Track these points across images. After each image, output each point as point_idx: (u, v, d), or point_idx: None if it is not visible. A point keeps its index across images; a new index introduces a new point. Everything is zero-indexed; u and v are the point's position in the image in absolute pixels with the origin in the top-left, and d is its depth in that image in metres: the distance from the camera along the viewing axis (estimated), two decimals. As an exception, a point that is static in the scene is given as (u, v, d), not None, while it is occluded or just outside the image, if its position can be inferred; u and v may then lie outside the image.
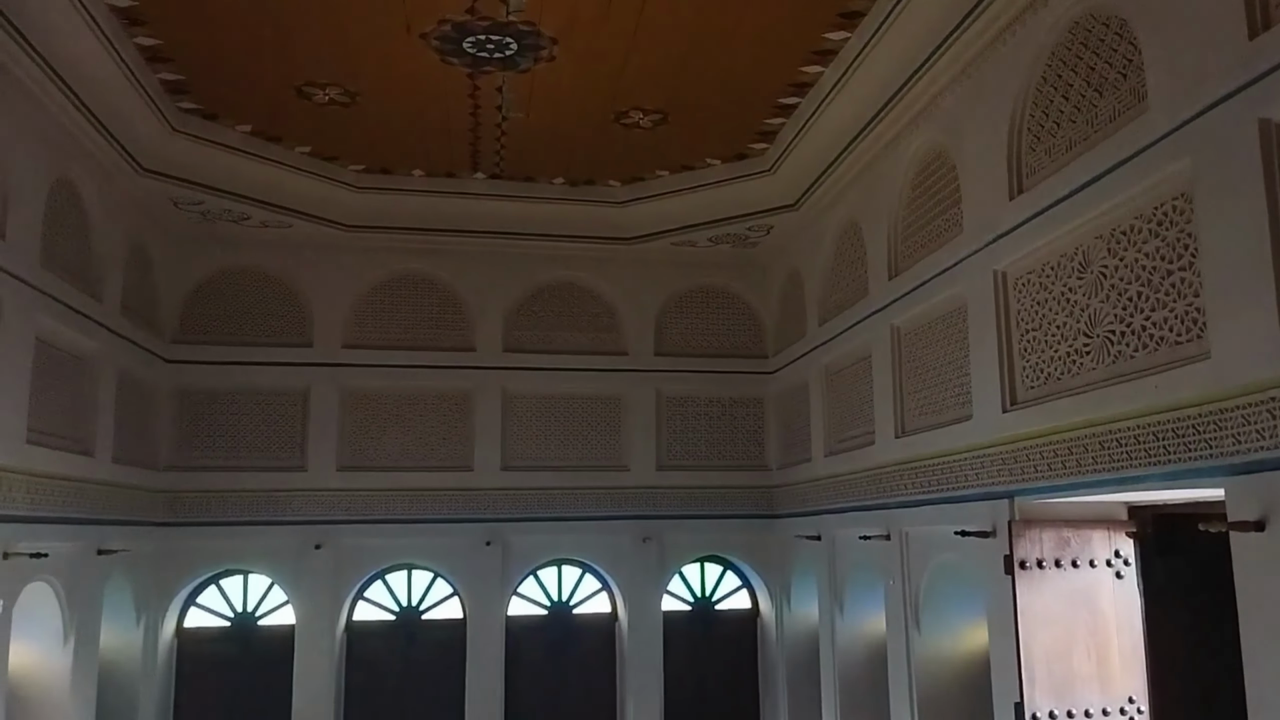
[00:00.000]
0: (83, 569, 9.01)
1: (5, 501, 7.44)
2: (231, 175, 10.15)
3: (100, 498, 9.38)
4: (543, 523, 12.20)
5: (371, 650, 12.10)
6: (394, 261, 12.20)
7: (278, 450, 11.74)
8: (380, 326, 12.21)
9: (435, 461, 12.12)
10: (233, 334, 11.79)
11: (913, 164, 8.60)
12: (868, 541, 9.28)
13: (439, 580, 12.39)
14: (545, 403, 12.52)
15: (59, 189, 8.40)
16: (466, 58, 8.31)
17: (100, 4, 7.26)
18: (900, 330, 8.89)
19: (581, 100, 9.18)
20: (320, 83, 8.76)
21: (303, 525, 11.57)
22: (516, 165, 10.84)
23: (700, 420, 12.87)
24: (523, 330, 12.55)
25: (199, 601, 11.87)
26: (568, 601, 12.77)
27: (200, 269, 11.74)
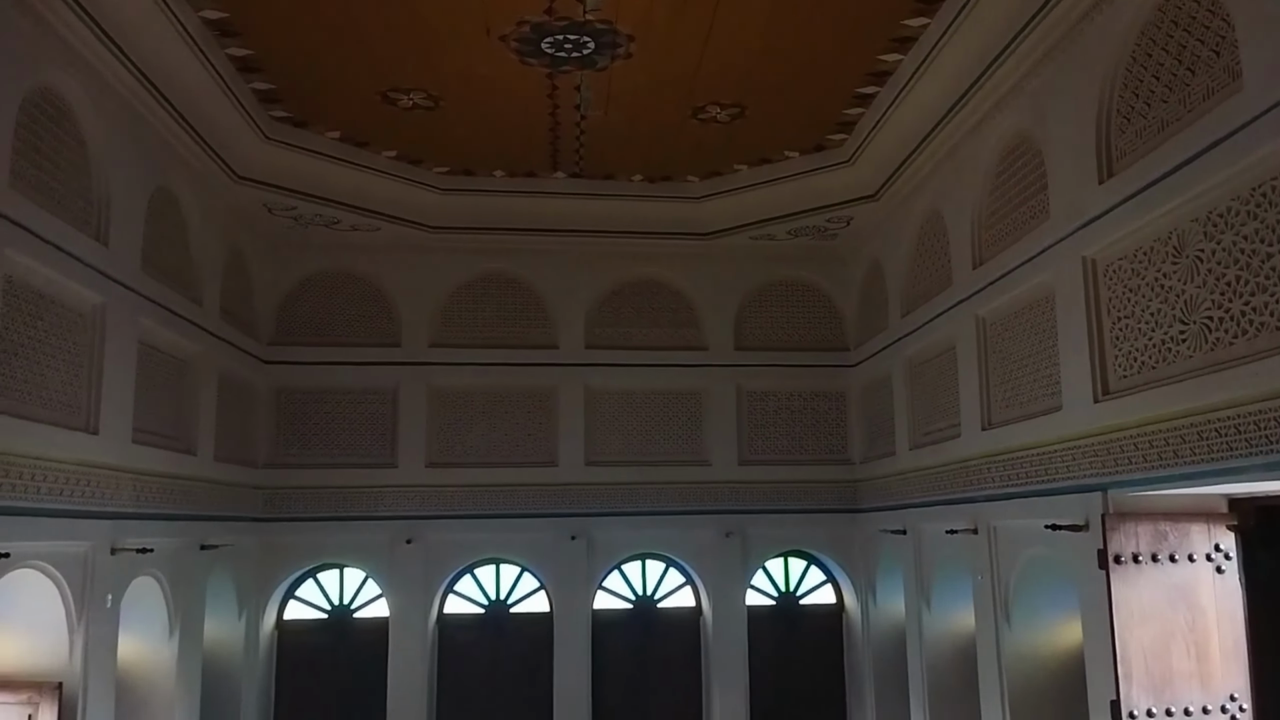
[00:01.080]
0: (186, 564, 9.40)
1: (112, 499, 7.81)
2: (322, 181, 10.47)
3: (203, 494, 9.78)
4: (626, 517, 12.30)
5: (462, 643, 12.36)
6: (477, 261, 12.42)
7: (369, 447, 12.08)
8: (465, 325, 12.45)
9: (520, 457, 12.32)
10: (325, 335, 12.16)
11: (996, 150, 8.44)
12: (955, 535, 9.14)
13: (526, 574, 12.59)
14: (627, 398, 12.62)
15: (159, 197, 8.77)
16: (545, 58, 8.42)
17: (193, 16, 7.56)
18: (985, 320, 8.73)
19: (659, 96, 9.23)
20: (404, 88, 8.97)
21: (394, 520, 11.88)
22: (595, 163, 10.94)
23: (781, 414, 12.83)
24: (604, 327, 12.66)
25: (297, 594, 12.29)
26: (652, 596, 12.85)
27: (294, 272, 12.14)
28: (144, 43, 7.52)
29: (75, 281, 7.19)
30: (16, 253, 6.41)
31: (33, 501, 6.63)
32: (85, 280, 7.32)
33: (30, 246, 6.57)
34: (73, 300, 7.28)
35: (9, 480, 6.33)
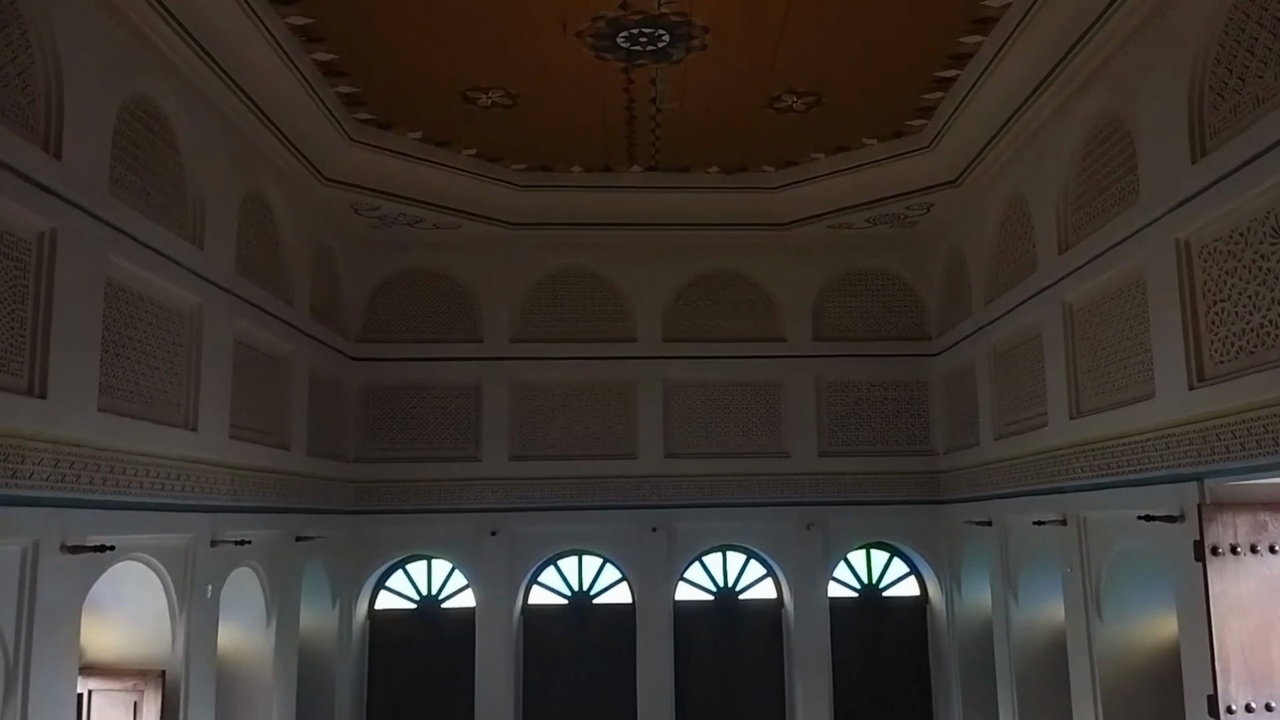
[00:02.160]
0: (282, 555, 9.72)
1: (212, 492, 8.12)
2: (405, 180, 10.71)
3: (296, 488, 10.10)
4: (706, 509, 12.33)
5: (546, 633, 12.55)
6: (556, 257, 12.56)
7: (454, 441, 12.32)
8: (545, 320, 12.60)
9: (601, 450, 12.43)
10: (410, 332, 12.43)
11: (1082, 131, 8.23)
12: (1042, 527, 8.95)
13: (608, 566, 12.71)
14: (706, 391, 12.63)
15: (250, 200, 9.09)
16: (620, 52, 8.48)
17: (280, 23, 7.79)
18: (1072, 306, 8.53)
19: (734, 87, 9.21)
20: (483, 87, 9.12)
21: (479, 513, 12.11)
22: (672, 156, 10.96)
23: (862, 405, 12.70)
24: (682, 320, 12.69)
25: (388, 585, 12.63)
26: (734, 587, 12.86)
27: (379, 271, 12.43)
28: (233, 50, 7.79)
29: (173, 283, 7.50)
30: (117, 257, 6.71)
31: (136, 496, 6.94)
32: (183, 282, 7.63)
33: (130, 251, 6.87)
34: (171, 302, 7.59)
35: (114, 476, 6.63)
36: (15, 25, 5.70)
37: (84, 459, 6.26)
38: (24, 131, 5.76)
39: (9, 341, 5.65)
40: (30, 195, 5.73)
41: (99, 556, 6.36)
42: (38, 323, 5.87)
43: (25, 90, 5.80)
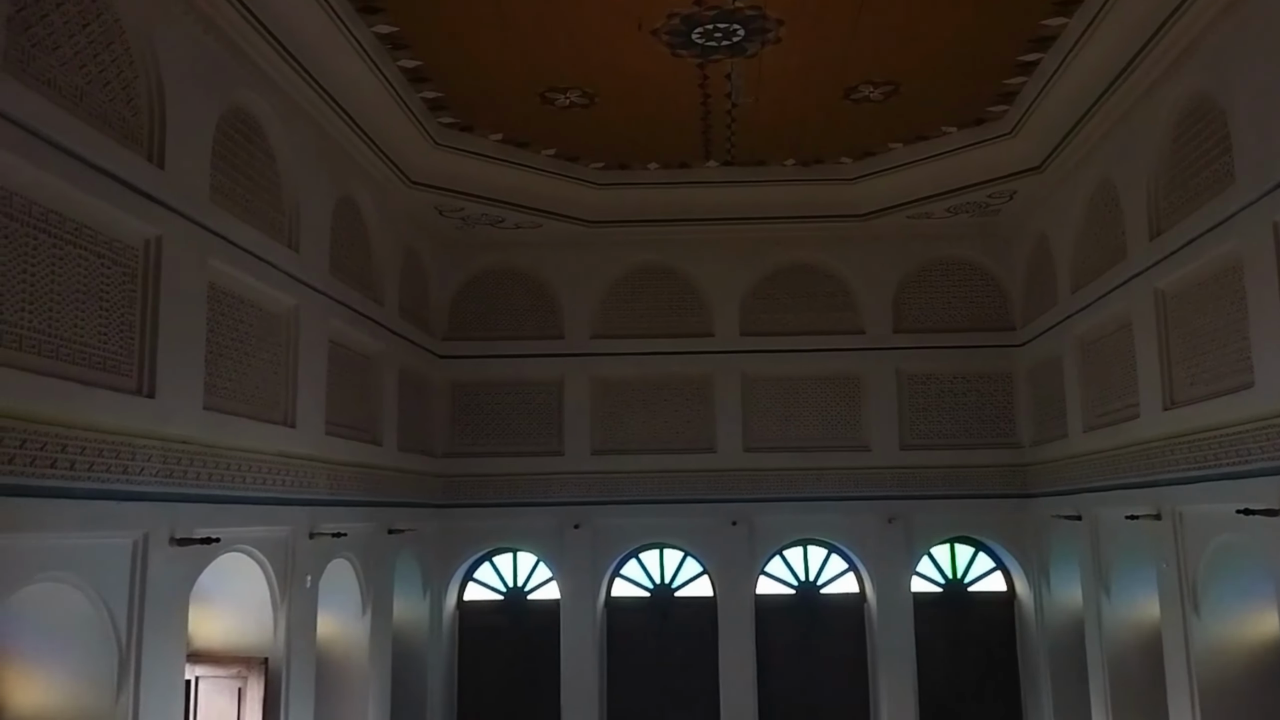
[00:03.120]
0: (376, 547, 10.03)
1: (309, 487, 8.42)
2: (487, 182, 10.95)
3: (388, 482, 10.40)
4: (786, 503, 12.33)
5: (629, 625, 12.69)
6: (634, 253, 12.67)
7: (538, 436, 12.54)
8: (624, 316, 12.73)
9: (680, 444, 12.52)
10: (494, 329, 12.69)
11: (1172, 113, 8.03)
12: (1135, 521, 8.76)
13: (689, 559, 12.79)
14: (784, 384, 12.62)
15: (342, 205, 9.41)
16: (695, 48, 8.54)
17: (367, 32, 8.04)
18: (1165, 293, 8.33)
19: (810, 79, 9.20)
20: (561, 87, 9.26)
21: (562, 506, 12.30)
22: (747, 150, 10.98)
23: (944, 397, 12.56)
24: (759, 314, 12.69)
25: (476, 577, 12.92)
26: (815, 581, 12.82)
27: (463, 270, 12.71)
28: (324, 59, 8.06)
29: (271, 286, 7.80)
30: (219, 261, 7.00)
31: (239, 490, 7.24)
32: (280, 285, 7.93)
33: (230, 255, 7.16)
34: (269, 304, 7.89)
35: (218, 471, 6.93)
36: (119, 42, 5.99)
37: (190, 455, 6.56)
38: (129, 143, 6.05)
39: (119, 344, 5.95)
40: (136, 204, 6.02)
41: (205, 548, 6.65)
42: (145, 326, 6.16)
43: (130, 103, 6.09)
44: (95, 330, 5.72)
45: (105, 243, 5.84)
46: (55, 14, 5.39)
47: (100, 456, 5.61)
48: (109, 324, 5.84)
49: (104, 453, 5.64)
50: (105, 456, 5.65)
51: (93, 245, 5.72)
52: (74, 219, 5.55)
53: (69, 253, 5.50)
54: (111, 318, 5.87)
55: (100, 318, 5.77)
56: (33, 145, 5.08)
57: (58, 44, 5.41)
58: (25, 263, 5.15)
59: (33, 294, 5.20)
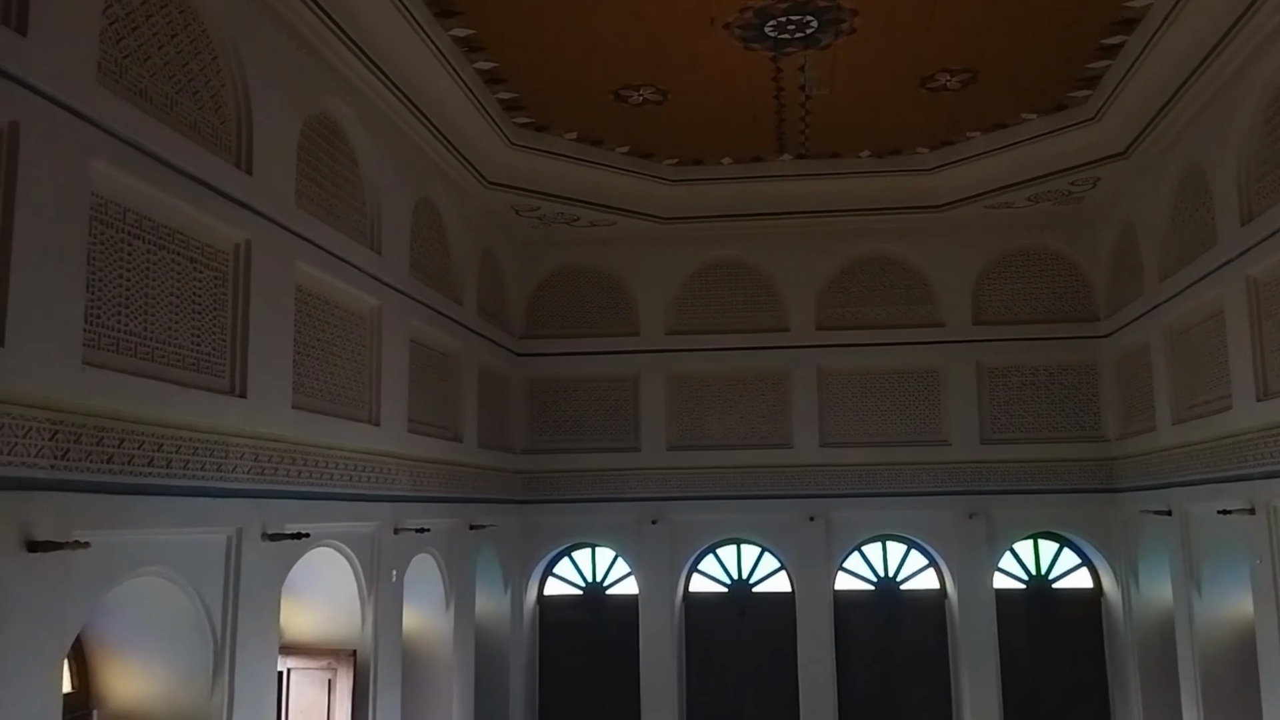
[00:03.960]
0: (458, 542, 10.22)
1: (394, 483, 8.61)
2: (562, 181, 11.06)
3: (469, 479, 10.59)
4: (864, 498, 12.22)
5: (707, 620, 12.70)
6: (709, 249, 12.67)
7: (614, 432, 12.64)
8: (699, 312, 12.74)
9: (756, 439, 12.49)
10: (570, 327, 12.82)
11: (1264, 94, 7.75)
12: (1228, 516, 8.48)
13: (766, 554, 12.75)
14: (861, 379, 12.51)
15: (421, 206, 9.60)
16: (768, 41, 8.50)
17: (444, 36, 8.19)
18: (1258, 281, 8.05)
19: (885, 69, 9.10)
20: (635, 84, 9.32)
21: (639, 502, 12.37)
22: (822, 143, 10.90)
23: (1026, 390, 12.30)
24: (835, 307, 12.59)
25: (555, 571, 13.07)
26: (894, 577, 12.68)
27: (540, 269, 12.86)
28: (402, 63, 8.23)
29: (355, 287, 8.00)
30: (305, 264, 7.20)
31: (327, 487, 7.44)
32: (363, 286, 8.13)
33: (316, 258, 7.36)
34: (353, 304, 8.10)
35: (307, 469, 7.13)
36: (207, 51, 6.19)
37: (280, 453, 6.76)
38: (219, 150, 6.25)
39: (212, 346, 6.16)
40: (226, 209, 6.22)
41: (295, 543, 6.85)
42: (237, 328, 6.37)
43: (218, 112, 6.30)
44: (189, 333, 5.93)
45: (197, 247, 6.04)
46: (145, 26, 5.60)
47: (195, 455, 5.82)
48: (202, 326, 6.05)
49: (199, 451, 5.85)
50: (200, 455, 5.86)
51: (185, 250, 5.92)
52: (167, 225, 5.75)
53: (163, 258, 5.71)
54: (204, 320, 6.08)
55: (194, 320, 5.97)
56: (127, 154, 5.28)
57: (148, 55, 5.62)
58: (122, 268, 5.36)
59: (129, 298, 5.41)
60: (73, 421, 4.81)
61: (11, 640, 4.38)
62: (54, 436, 4.68)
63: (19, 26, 4.54)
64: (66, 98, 4.81)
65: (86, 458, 4.91)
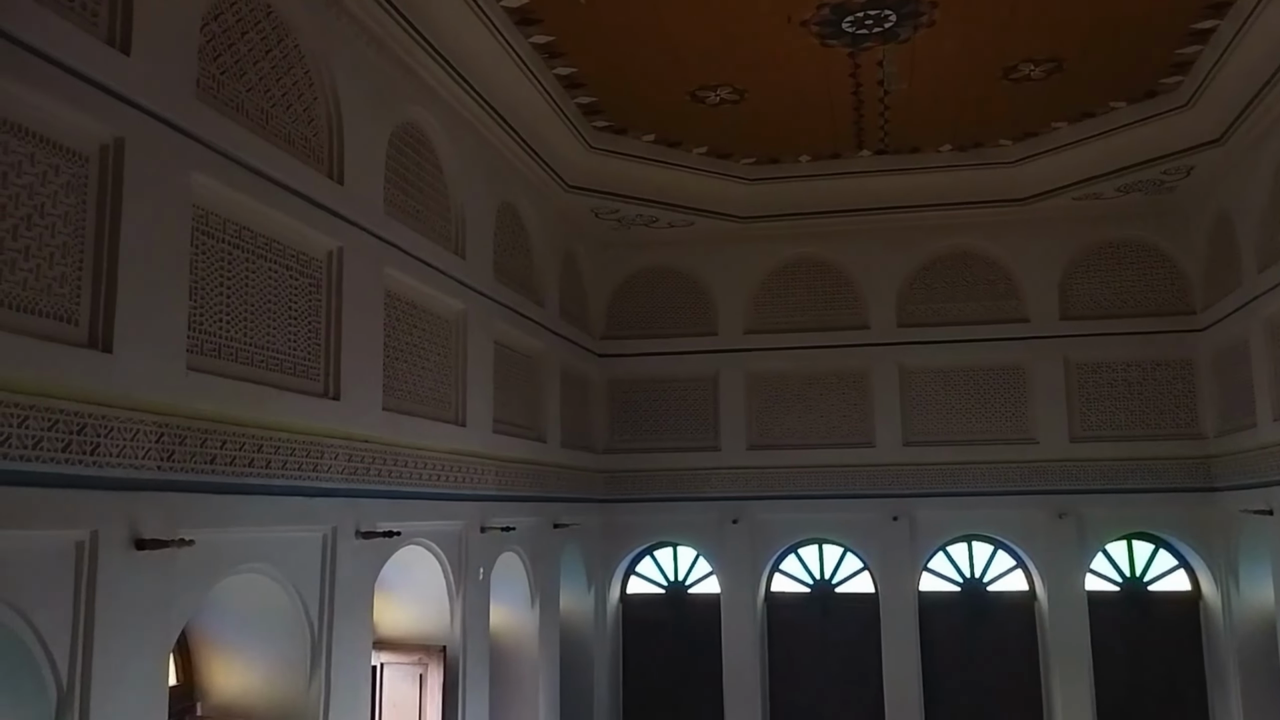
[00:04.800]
0: (543, 541, 10.36)
1: (480, 483, 8.77)
2: (640, 182, 11.15)
3: (553, 478, 10.74)
4: (949, 498, 12.04)
5: (789, 620, 12.64)
6: (787, 247, 12.62)
7: (694, 432, 12.67)
8: (778, 311, 12.70)
9: (837, 438, 12.40)
10: (650, 327, 12.89)
11: (1373, 76, 7.44)
12: (1337, 513, 8.16)
13: (849, 555, 12.65)
14: (944, 376, 12.33)
15: (504, 211, 9.78)
16: (845, 37, 8.45)
17: (524, 43, 8.32)
18: (1367, 269, 7.73)
19: (966, 61, 8.96)
20: (711, 85, 9.34)
21: (720, 501, 12.38)
22: (901, 137, 10.78)
23: (1117, 387, 11.97)
24: (916, 304, 12.44)
25: (637, 570, 13.15)
26: (981, 579, 12.45)
27: (619, 271, 12.97)
28: (485, 72, 8.38)
29: (441, 292, 8.18)
30: (393, 270, 7.39)
31: (416, 486, 7.62)
32: (449, 290, 8.30)
33: (404, 264, 7.54)
34: (439, 308, 8.28)
35: (398, 468, 7.31)
36: (299, 66, 6.40)
37: (372, 454, 6.94)
38: (312, 161, 6.46)
39: (308, 350, 6.36)
40: (320, 219, 6.42)
41: (387, 541, 7.03)
42: (330, 333, 6.56)
43: (311, 124, 6.50)
44: (285, 338, 6.13)
45: (292, 255, 6.25)
46: (241, 42, 5.81)
47: (292, 455, 6.01)
48: (298, 332, 6.25)
49: (295, 452, 6.04)
50: (297, 455, 6.05)
51: (281, 258, 6.13)
52: (264, 234, 5.95)
53: (260, 266, 5.92)
54: (300, 326, 6.28)
55: (290, 326, 6.18)
56: (226, 167, 5.48)
57: (244, 71, 5.83)
58: (222, 277, 5.57)
59: (230, 306, 5.62)
60: (178, 424, 5.01)
61: (121, 635, 4.57)
62: (160, 439, 4.88)
63: (122, 46, 4.74)
64: (168, 113, 5.00)
65: (191, 459, 5.12)
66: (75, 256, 4.49)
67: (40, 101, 4.28)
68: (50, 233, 4.36)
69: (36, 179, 4.30)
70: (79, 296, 4.51)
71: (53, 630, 4.26)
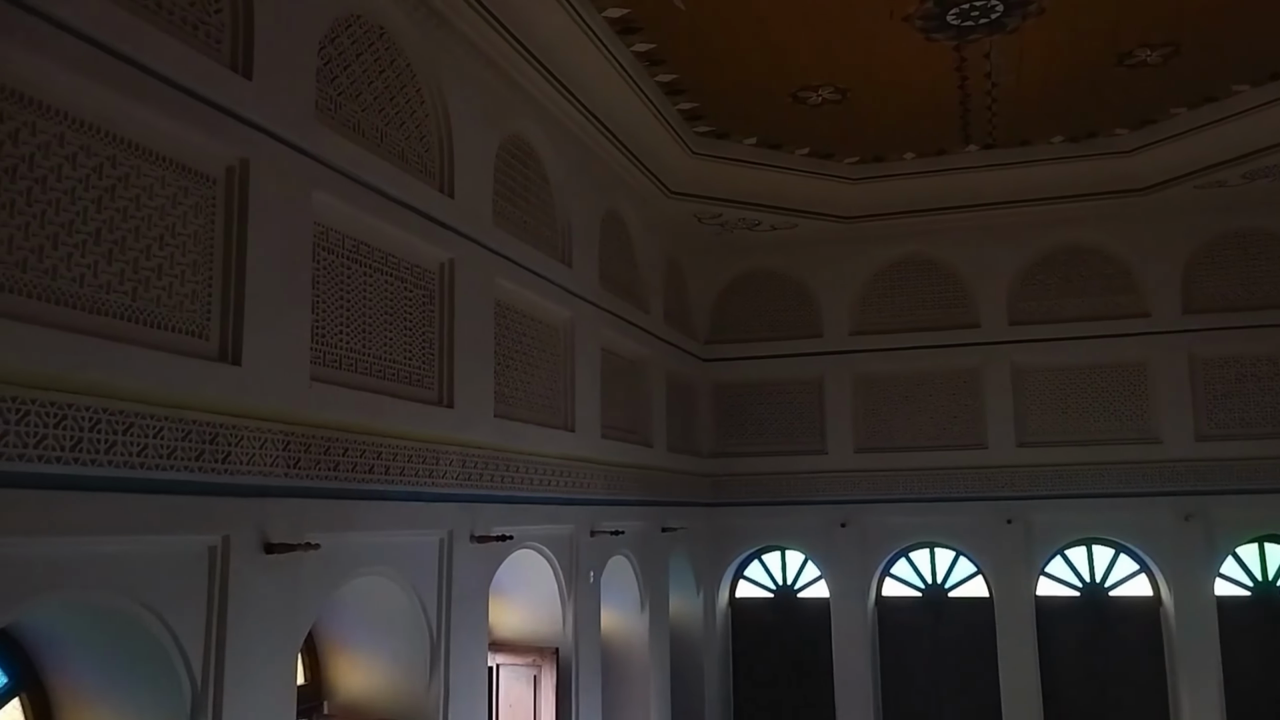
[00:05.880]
0: (651, 545, 10.44)
1: (589, 487, 8.88)
2: (743, 186, 11.12)
3: (660, 482, 10.81)
4: (1065, 500, 11.68)
5: (901, 625, 12.42)
6: (892, 246, 12.44)
7: (800, 435, 12.58)
8: (884, 311, 12.52)
9: (948, 440, 12.15)
10: (753, 331, 12.86)
11: None
12: None
13: (961, 559, 12.37)
14: (1059, 375, 11.97)
15: (608, 219, 9.90)
16: (950, 31, 8.28)
17: (626, 52, 8.40)
18: None
19: (1077, 49, 8.69)
20: (813, 85, 9.27)
21: (827, 505, 12.27)
22: (1010, 131, 10.51)
23: (1247, 383, 11.44)
24: (1028, 301, 12.10)
25: (746, 574, 13.11)
26: (1101, 583, 12.01)
27: (722, 275, 12.97)
28: (587, 82, 8.49)
29: (548, 300, 8.31)
30: (503, 280, 7.54)
31: (527, 491, 7.76)
32: (556, 298, 8.44)
33: (513, 274, 7.69)
34: (547, 316, 8.41)
35: (509, 474, 7.46)
36: (411, 84, 6.59)
37: (485, 459, 7.10)
38: (424, 176, 6.64)
39: (423, 360, 6.54)
40: (432, 231, 6.60)
41: (500, 545, 7.17)
42: (443, 342, 6.73)
43: (423, 140, 6.69)
44: (402, 348, 6.32)
45: (407, 268, 6.44)
46: (356, 64, 6.02)
47: (410, 462, 6.19)
48: (412, 342, 6.44)
49: (413, 458, 6.22)
50: (414, 462, 6.23)
51: (396, 271, 6.32)
52: (380, 248, 6.14)
53: (377, 279, 6.11)
54: (414, 336, 6.47)
55: (405, 337, 6.36)
56: (344, 184, 5.67)
57: (359, 91, 6.03)
58: (342, 291, 5.77)
59: (349, 318, 5.82)
60: (302, 433, 5.21)
61: (252, 635, 4.77)
62: (287, 446, 5.09)
63: (245, 71, 4.96)
64: (289, 134, 5.20)
65: (315, 466, 5.31)
66: (204, 274, 4.70)
67: (170, 127, 4.48)
68: (181, 252, 4.58)
69: (168, 201, 4.52)
70: (209, 312, 4.72)
71: (187, 631, 4.45)
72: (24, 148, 3.84)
